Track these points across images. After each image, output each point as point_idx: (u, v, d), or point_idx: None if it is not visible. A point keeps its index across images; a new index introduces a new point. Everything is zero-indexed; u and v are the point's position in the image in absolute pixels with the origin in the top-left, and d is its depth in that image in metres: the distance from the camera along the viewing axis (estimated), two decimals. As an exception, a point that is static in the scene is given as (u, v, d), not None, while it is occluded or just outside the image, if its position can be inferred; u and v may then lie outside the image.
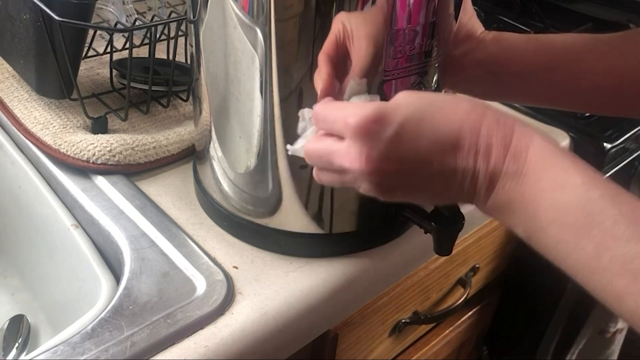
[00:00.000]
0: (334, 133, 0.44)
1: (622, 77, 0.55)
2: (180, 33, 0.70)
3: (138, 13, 0.88)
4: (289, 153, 0.49)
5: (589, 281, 0.37)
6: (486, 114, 0.41)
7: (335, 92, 0.47)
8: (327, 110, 0.44)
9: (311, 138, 0.46)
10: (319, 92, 0.47)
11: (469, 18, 0.59)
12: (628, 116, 0.60)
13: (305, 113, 0.49)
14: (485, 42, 0.59)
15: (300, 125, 0.49)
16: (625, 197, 0.37)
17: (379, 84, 0.50)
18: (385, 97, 0.51)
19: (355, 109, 0.41)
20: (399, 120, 0.41)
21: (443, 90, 0.60)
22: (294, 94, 0.50)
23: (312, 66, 0.48)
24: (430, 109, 0.41)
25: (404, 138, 0.41)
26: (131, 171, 0.66)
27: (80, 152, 0.64)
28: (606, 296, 0.36)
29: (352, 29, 0.46)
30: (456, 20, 0.56)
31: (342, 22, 0.46)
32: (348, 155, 0.42)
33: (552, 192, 0.38)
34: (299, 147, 0.48)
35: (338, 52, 0.47)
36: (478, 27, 0.60)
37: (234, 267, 0.56)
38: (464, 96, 0.43)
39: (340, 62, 0.47)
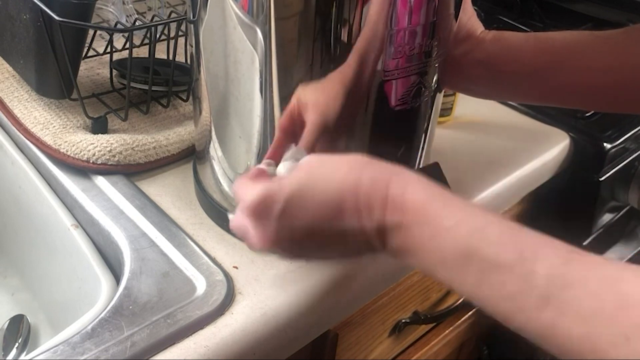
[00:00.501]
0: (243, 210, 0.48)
1: (623, 74, 0.55)
2: (180, 33, 0.70)
3: (138, 13, 0.88)
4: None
5: (483, 308, 0.40)
6: (363, 174, 0.44)
7: (278, 156, 0.51)
8: (236, 187, 0.49)
9: (236, 211, 0.49)
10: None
11: (469, 18, 0.59)
12: (629, 112, 0.61)
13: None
14: (485, 42, 0.59)
15: None
16: (494, 228, 0.39)
17: (379, 84, 0.50)
18: (385, 99, 0.51)
19: (248, 192, 0.46)
20: (283, 198, 0.44)
21: (443, 90, 0.60)
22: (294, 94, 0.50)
23: (312, 66, 0.48)
24: (311, 179, 0.45)
25: (291, 212, 0.44)
26: (131, 171, 0.66)
27: (80, 152, 0.64)
28: (497, 318, 0.39)
29: (306, 101, 0.50)
30: (456, 20, 0.56)
31: (297, 95, 0.50)
32: (251, 232, 0.47)
33: (429, 239, 0.41)
34: (231, 217, 0.51)
35: (292, 123, 0.51)
36: (478, 27, 0.60)
37: (234, 267, 0.56)
38: (348, 157, 0.45)
39: (295, 132, 0.51)
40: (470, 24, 0.60)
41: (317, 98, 0.50)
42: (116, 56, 0.74)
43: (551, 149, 0.79)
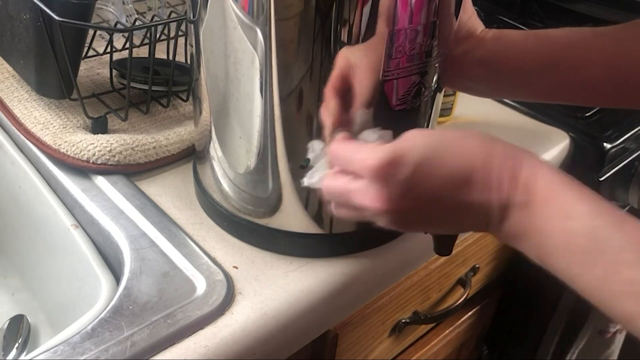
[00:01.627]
0: (351, 172, 0.45)
1: (623, 70, 0.56)
2: (180, 33, 0.70)
3: (138, 13, 0.88)
4: (305, 185, 0.50)
5: (600, 304, 0.39)
6: (495, 149, 0.43)
7: (344, 124, 0.49)
8: (344, 150, 0.46)
9: (329, 174, 0.48)
10: (328, 125, 0.49)
11: (469, 17, 0.59)
12: (631, 107, 0.61)
13: (315, 145, 0.51)
14: (485, 41, 0.59)
15: (311, 155, 0.51)
16: (630, 224, 0.39)
17: (380, 84, 0.50)
18: (385, 99, 0.51)
19: (371, 152, 0.43)
20: (413, 161, 0.42)
21: (443, 90, 0.60)
22: (294, 94, 0.50)
23: (312, 65, 0.48)
24: (441, 147, 0.43)
25: (419, 178, 0.42)
26: (131, 171, 0.66)
27: (80, 152, 0.64)
28: (617, 317, 0.38)
29: (356, 62, 0.48)
30: (456, 19, 0.56)
31: (346, 57, 0.48)
32: (367, 195, 0.44)
33: (560, 220, 0.40)
34: (315, 181, 0.49)
35: (343, 85, 0.49)
36: (478, 26, 0.60)
37: (234, 267, 0.56)
38: (472, 132, 0.45)
39: (346, 94, 0.49)
40: (470, 23, 0.60)
41: (370, 59, 0.48)
42: (116, 56, 0.74)
43: (551, 149, 0.79)
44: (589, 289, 0.39)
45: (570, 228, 0.39)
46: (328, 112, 0.49)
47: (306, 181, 0.50)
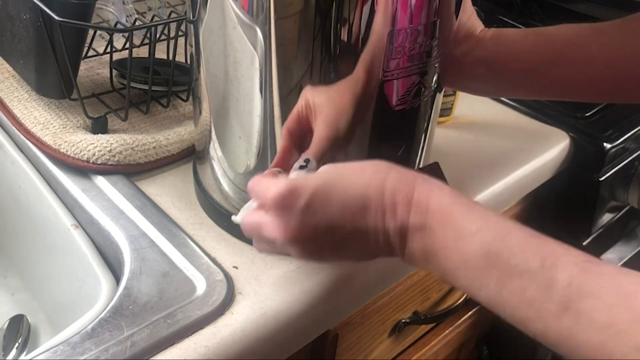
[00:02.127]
0: (263, 206, 0.47)
1: (623, 65, 0.56)
2: (180, 33, 0.70)
3: (138, 13, 0.88)
4: (235, 222, 0.51)
5: (499, 314, 0.41)
6: (389, 175, 0.44)
7: (290, 164, 0.51)
8: (256, 185, 0.48)
9: (247, 211, 0.50)
10: (272, 163, 0.51)
11: (469, 17, 0.59)
12: (632, 102, 0.61)
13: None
14: (485, 41, 0.59)
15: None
16: (517, 235, 0.40)
17: (380, 84, 0.50)
18: (385, 99, 0.51)
19: (272, 184, 0.45)
20: (309, 191, 0.44)
21: (443, 90, 0.60)
22: (294, 94, 0.50)
23: (312, 65, 0.48)
24: (337, 177, 0.45)
25: (316, 207, 0.44)
26: (131, 171, 0.66)
27: (80, 152, 0.64)
28: (514, 323, 0.40)
29: (315, 108, 0.50)
30: (456, 19, 0.56)
31: (306, 98, 0.50)
32: (271, 228, 0.46)
33: (453, 242, 0.42)
34: (239, 218, 0.51)
35: (300, 127, 0.51)
36: (478, 26, 0.60)
37: (234, 267, 0.56)
38: (371, 162, 0.46)
39: (303, 135, 0.51)
40: (470, 23, 0.60)
41: (328, 109, 0.49)
42: (116, 56, 0.74)
43: (551, 149, 0.79)
44: (487, 302, 0.41)
45: (462, 248, 0.41)
46: (278, 151, 0.51)
47: (233, 219, 0.51)
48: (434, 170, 0.57)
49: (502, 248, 0.40)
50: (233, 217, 0.52)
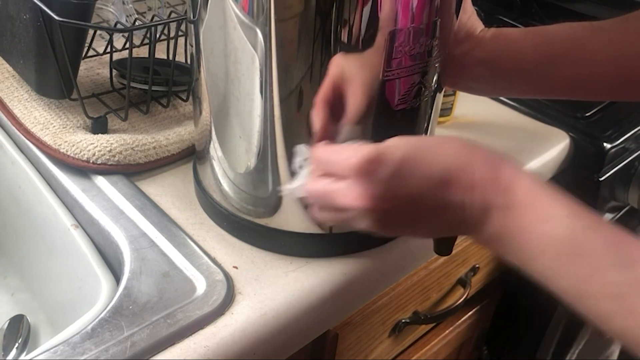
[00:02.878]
0: (334, 174, 0.46)
1: (624, 63, 0.56)
2: (180, 33, 0.70)
3: (138, 13, 0.88)
4: (284, 193, 0.50)
5: (577, 304, 0.40)
6: (475, 152, 0.44)
7: (331, 135, 0.49)
8: (327, 153, 0.47)
9: (311, 178, 0.48)
10: (315, 135, 0.49)
11: (469, 17, 0.59)
12: (633, 100, 0.61)
13: (302, 150, 0.50)
14: (485, 41, 0.59)
15: (297, 160, 0.50)
16: (606, 227, 0.40)
17: (380, 83, 0.50)
18: (386, 98, 0.51)
19: (354, 151, 0.44)
20: (395, 160, 0.43)
21: (443, 90, 0.60)
22: (294, 94, 0.50)
23: (312, 66, 0.48)
24: (423, 149, 0.44)
25: (400, 177, 0.43)
26: (131, 171, 0.66)
27: (80, 152, 0.64)
28: (594, 318, 0.39)
29: (349, 75, 0.48)
30: (456, 19, 0.56)
31: (340, 66, 0.48)
32: (349, 194, 0.44)
33: (540, 223, 0.41)
34: (296, 187, 0.49)
35: (335, 96, 0.49)
36: (478, 26, 0.60)
37: (234, 267, 0.56)
38: (453, 137, 0.46)
39: (337, 105, 0.49)
40: (470, 23, 0.60)
41: (363, 74, 0.48)
42: (116, 56, 0.74)
43: (551, 149, 0.79)
44: (567, 291, 0.40)
45: (549, 231, 0.40)
46: (316, 123, 0.50)
47: (285, 188, 0.50)
48: None
49: (591, 237, 0.39)
50: (284, 187, 0.49)
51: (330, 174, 0.46)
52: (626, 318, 0.37)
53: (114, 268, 0.58)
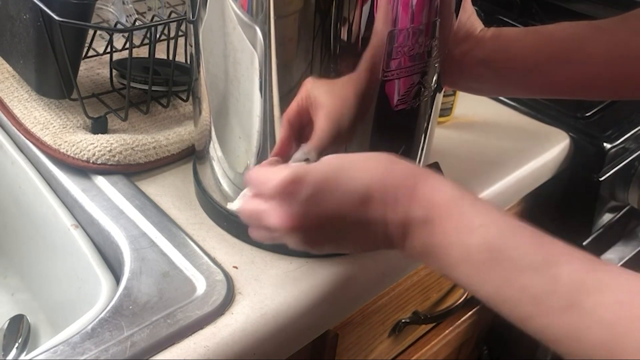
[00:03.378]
0: (263, 195, 0.47)
1: (623, 62, 0.56)
2: (180, 33, 0.70)
3: (138, 13, 0.88)
4: (229, 209, 0.51)
5: (499, 308, 0.41)
6: (394, 168, 0.45)
7: (289, 154, 0.51)
8: (257, 174, 0.48)
9: (245, 198, 0.49)
10: (272, 151, 0.51)
11: (469, 16, 0.59)
12: (633, 99, 0.61)
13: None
14: (485, 40, 0.59)
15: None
16: (521, 231, 0.41)
17: (380, 84, 0.50)
18: (385, 99, 0.51)
19: (276, 172, 0.45)
20: (316, 180, 0.44)
21: (443, 90, 0.60)
22: (294, 93, 0.50)
23: (312, 64, 0.48)
24: (342, 168, 0.45)
25: (320, 196, 0.44)
26: (131, 171, 0.66)
27: (80, 152, 0.64)
28: (515, 320, 0.40)
29: (315, 101, 0.49)
30: (456, 18, 0.56)
31: (307, 90, 0.49)
32: (273, 214, 0.46)
33: (457, 235, 0.42)
34: (235, 205, 0.51)
35: (300, 119, 0.50)
36: (478, 26, 0.60)
37: (234, 267, 0.56)
38: (376, 153, 0.46)
39: (302, 127, 0.51)
40: (470, 23, 0.60)
41: (329, 102, 0.49)
42: (116, 56, 0.74)
43: (551, 149, 0.79)
44: (488, 296, 0.41)
45: (467, 241, 0.41)
46: (277, 140, 0.51)
47: (229, 206, 0.51)
48: (434, 170, 0.57)
49: (506, 243, 0.40)
50: (229, 204, 0.51)
51: (261, 195, 0.47)
52: (542, 318, 0.38)
53: (114, 268, 0.58)
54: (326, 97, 0.49)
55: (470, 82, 0.63)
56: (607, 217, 0.90)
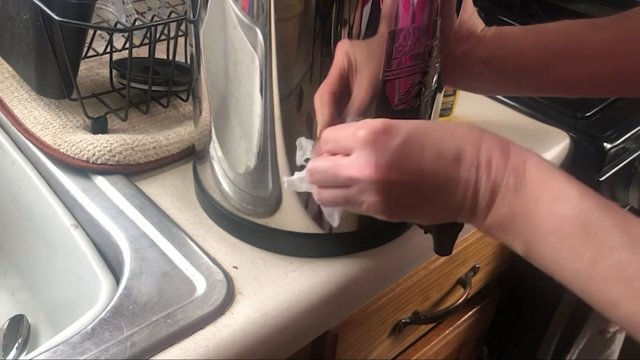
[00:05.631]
0: (340, 151, 0.45)
1: (623, 60, 0.56)
2: (180, 33, 0.70)
3: (138, 13, 0.88)
4: (285, 186, 0.50)
5: (584, 288, 0.39)
6: (484, 134, 0.44)
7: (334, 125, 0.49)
8: (334, 130, 0.46)
9: (314, 158, 0.47)
10: (319, 129, 0.49)
11: (470, 16, 0.59)
12: (634, 96, 0.61)
13: (302, 142, 0.51)
14: (486, 40, 0.59)
15: (298, 154, 0.51)
16: (616, 209, 0.39)
17: (380, 83, 0.50)
18: (386, 98, 0.51)
19: (362, 123, 0.43)
20: (405, 131, 0.43)
21: (443, 90, 0.60)
22: (294, 94, 0.50)
23: (312, 66, 0.48)
24: (434, 126, 0.44)
25: (410, 149, 0.43)
26: (131, 171, 0.66)
27: (80, 152, 0.64)
28: (600, 302, 0.38)
29: (357, 65, 0.47)
30: (457, 18, 0.56)
31: (347, 55, 0.47)
32: (356, 165, 0.43)
33: (550, 203, 0.40)
34: (298, 177, 0.49)
35: (341, 87, 0.48)
36: (479, 25, 0.60)
37: (234, 267, 0.56)
38: (461, 123, 0.46)
39: (343, 95, 0.49)
40: (471, 22, 0.60)
41: (371, 61, 0.48)
42: (116, 56, 0.74)
43: (551, 149, 0.79)
44: (574, 275, 0.39)
45: (560, 210, 0.40)
46: (321, 116, 0.49)
47: (287, 180, 0.49)
48: None
49: (602, 218, 0.38)
50: (286, 178, 0.49)
51: (342, 148, 0.45)
52: (632, 303, 0.36)
53: (114, 268, 0.58)
54: (366, 57, 0.48)
55: (471, 81, 0.63)
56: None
